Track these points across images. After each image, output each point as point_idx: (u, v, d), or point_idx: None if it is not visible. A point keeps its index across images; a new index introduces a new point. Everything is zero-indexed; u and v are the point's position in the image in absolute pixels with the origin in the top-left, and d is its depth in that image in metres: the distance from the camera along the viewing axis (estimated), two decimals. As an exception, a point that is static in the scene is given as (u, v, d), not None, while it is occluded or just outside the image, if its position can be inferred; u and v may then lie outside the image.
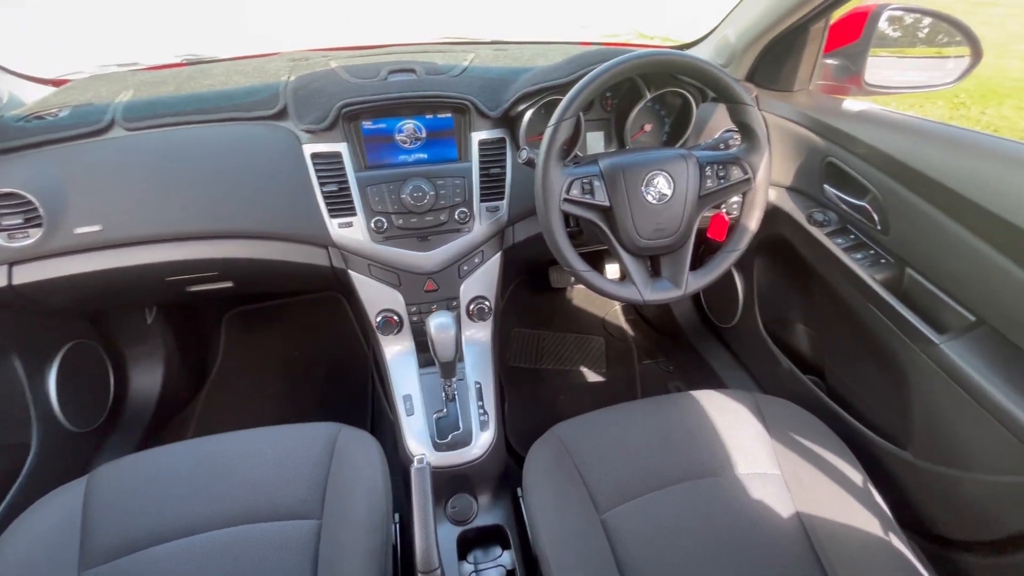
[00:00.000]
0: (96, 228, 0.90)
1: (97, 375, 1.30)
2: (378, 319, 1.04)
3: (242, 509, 0.73)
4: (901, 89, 1.05)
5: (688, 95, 1.03)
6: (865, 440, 0.96)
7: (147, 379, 1.41)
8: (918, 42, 1.02)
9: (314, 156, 0.94)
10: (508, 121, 1.01)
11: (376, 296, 1.03)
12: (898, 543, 0.72)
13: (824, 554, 0.69)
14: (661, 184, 0.82)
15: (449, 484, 0.99)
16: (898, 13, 1.00)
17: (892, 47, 1.02)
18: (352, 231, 0.96)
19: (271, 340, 1.71)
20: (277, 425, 0.85)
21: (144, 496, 0.75)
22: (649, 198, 0.82)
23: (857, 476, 0.80)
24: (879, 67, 1.02)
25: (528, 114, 0.99)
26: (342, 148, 0.95)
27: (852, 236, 0.97)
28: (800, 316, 1.22)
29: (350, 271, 1.02)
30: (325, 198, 0.94)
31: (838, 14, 0.97)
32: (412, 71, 1.02)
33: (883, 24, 0.99)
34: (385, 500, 0.78)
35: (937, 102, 4.27)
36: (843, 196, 0.96)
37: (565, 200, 0.80)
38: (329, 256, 1.01)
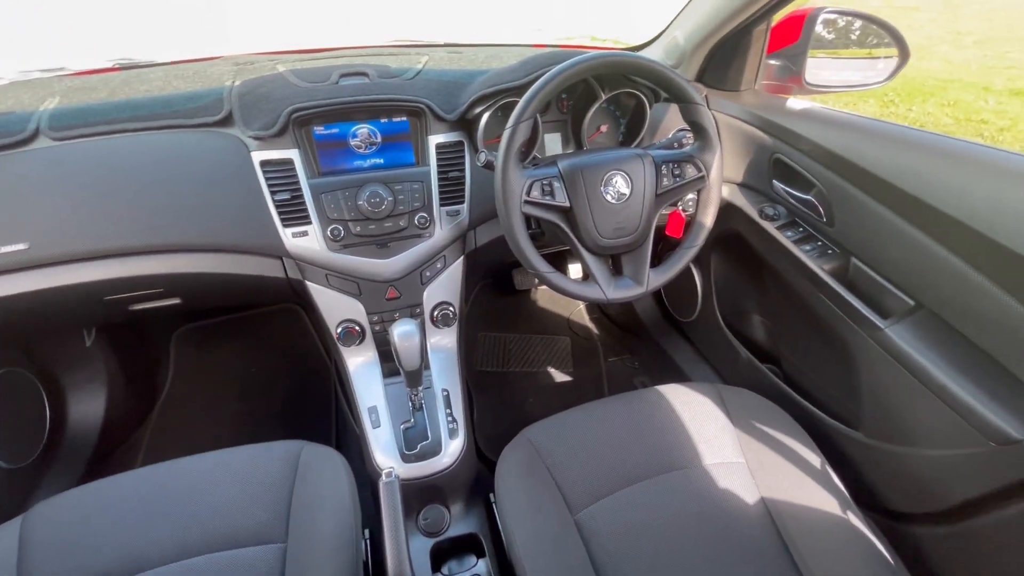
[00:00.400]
0: (22, 247, 0.83)
1: (30, 406, 1.20)
2: (339, 330, 1.00)
3: (199, 538, 0.69)
4: (838, 88, 1.11)
5: (642, 96, 1.06)
6: (821, 423, 1.01)
7: (88, 407, 1.32)
8: (851, 44, 1.08)
9: (264, 164, 0.90)
10: (465, 124, 1.00)
11: (335, 306, 1.00)
12: (855, 520, 0.75)
13: (788, 536, 0.71)
14: (619, 183, 0.83)
15: (420, 495, 0.97)
16: (832, 16, 1.05)
17: (828, 48, 1.08)
18: (307, 240, 0.92)
19: (226, 357, 1.63)
20: (235, 446, 0.81)
21: (87, 532, 0.69)
22: (608, 198, 0.83)
23: (815, 459, 0.83)
24: (818, 67, 1.07)
25: (485, 116, 0.98)
26: (293, 155, 0.91)
27: (801, 229, 1.01)
28: (756, 307, 1.27)
29: (307, 282, 0.98)
30: (277, 207, 0.91)
31: (779, 17, 1.01)
32: (364, 74, 0.99)
33: (819, 27, 1.04)
34: (353, 517, 0.76)
35: (869, 100, 4.56)
36: (791, 191, 1.00)
37: (526, 202, 0.80)
38: (284, 267, 0.97)
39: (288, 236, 0.92)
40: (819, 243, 0.97)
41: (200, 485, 0.75)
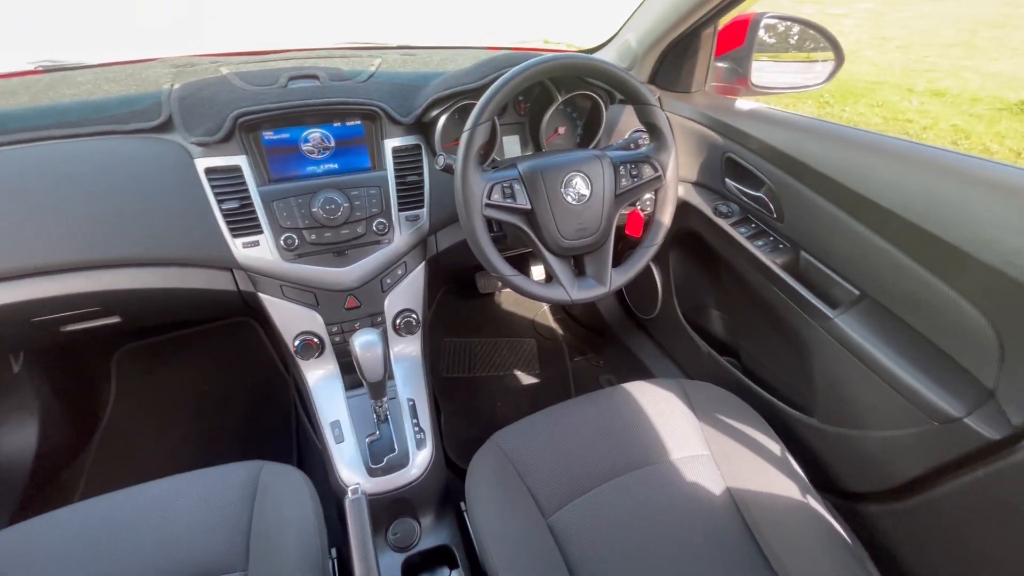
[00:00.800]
0: None
1: None
2: (296, 343, 0.96)
3: (151, 574, 0.64)
4: (781, 89, 1.16)
5: (597, 98, 1.07)
6: (779, 412, 1.04)
7: (17, 438, 1.21)
8: (790, 47, 1.13)
9: (209, 171, 0.85)
10: (422, 127, 0.99)
11: (292, 318, 0.96)
12: (813, 503, 0.78)
13: (753, 523, 0.73)
14: (579, 185, 0.83)
15: (388, 510, 0.94)
16: (772, 21, 1.10)
17: (770, 52, 1.13)
18: (259, 250, 0.88)
19: (174, 377, 1.53)
20: (188, 472, 0.76)
21: None
22: (569, 199, 0.83)
23: (775, 447, 0.86)
24: (762, 70, 1.11)
25: (442, 119, 0.97)
26: (241, 161, 0.87)
27: (753, 225, 1.04)
28: (714, 302, 1.31)
29: (260, 294, 0.94)
30: (225, 216, 0.86)
31: (725, 21, 1.05)
32: (315, 77, 0.96)
33: (761, 31, 1.09)
34: (318, 537, 0.72)
35: (807, 101, 4.82)
36: (742, 188, 1.04)
37: (487, 205, 0.79)
38: (235, 279, 0.92)
39: (238, 246, 0.87)
40: (771, 238, 1.01)
41: (148, 516, 0.70)
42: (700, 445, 0.84)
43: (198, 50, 1.15)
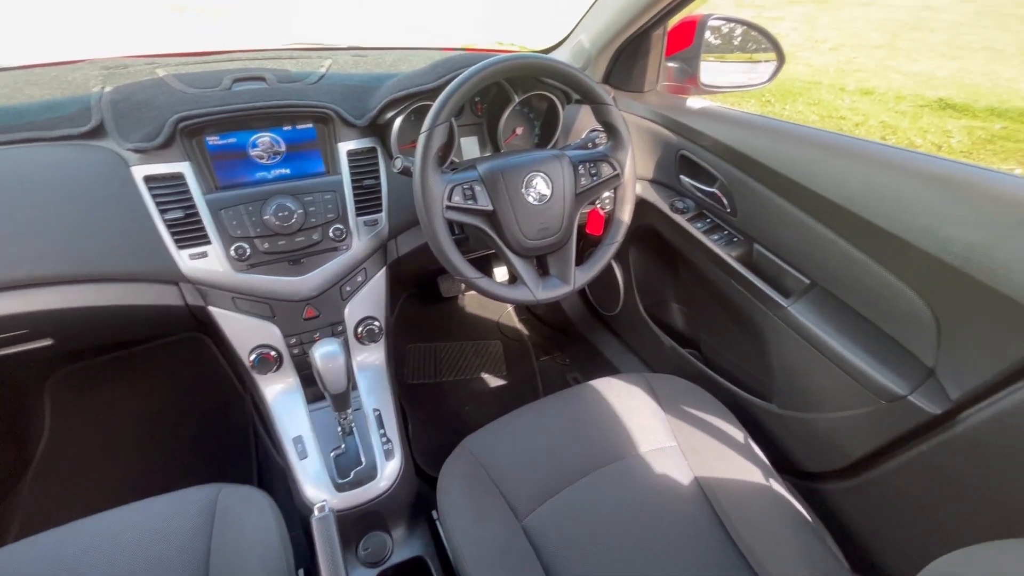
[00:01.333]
0: None
1: None
2: (252, 357, 0.92)
3: None
4: (728, 88, 1.20)
5: (553, 98, 1.07)
6: (740, 399, 1.08)
7: None
8: (735, 48, 1.17)
9: (148, 179, 0.80)
10: (377, 129, 0.96)
11: (247, 332, 0.91)
12: (776, 486, 0.81)
13: (721, 510, 0.75)
14: (540, 185, 0.83)
15: (358, 525, 0.91)
16: (717, 23, 1.14)
17: (716, 52, 1.16)
18: (207, 262, 0.83)
19: (118, 399, 1.43)
20: (137, 501, 0.71)
21: None
22: (530, 199, 0.83)
23: (738, 434, 0.89)
24: (710, 70, 1.15)
25: (398, 121, 0.94)
26: (184, 168, 0.82)
27: (708, 220, 1.08)
28: (674, 296, 1.34)
29: (210, 307, 0.89)
30: (169, 227, 0.81)
31: (674, 22, 1.07)
32: (261, 79, 0.92)
33: (707, 32, 1.12)
34: (284, 560, 0.69)
35: (750, 100, 5.04)
36: (697, 184, 1.07)
37: (448, 207, 0.78)
38: (182, 293, 0.87)
39: (184, 258, 0.82)
40: (725, 232, 1.04)
41: (93, 553, 0.65)
42: (667, 437, 0.86)
43: (130, 52, 1.08)
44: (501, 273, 1.59)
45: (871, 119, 4.67)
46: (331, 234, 0.90)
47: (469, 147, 1.09)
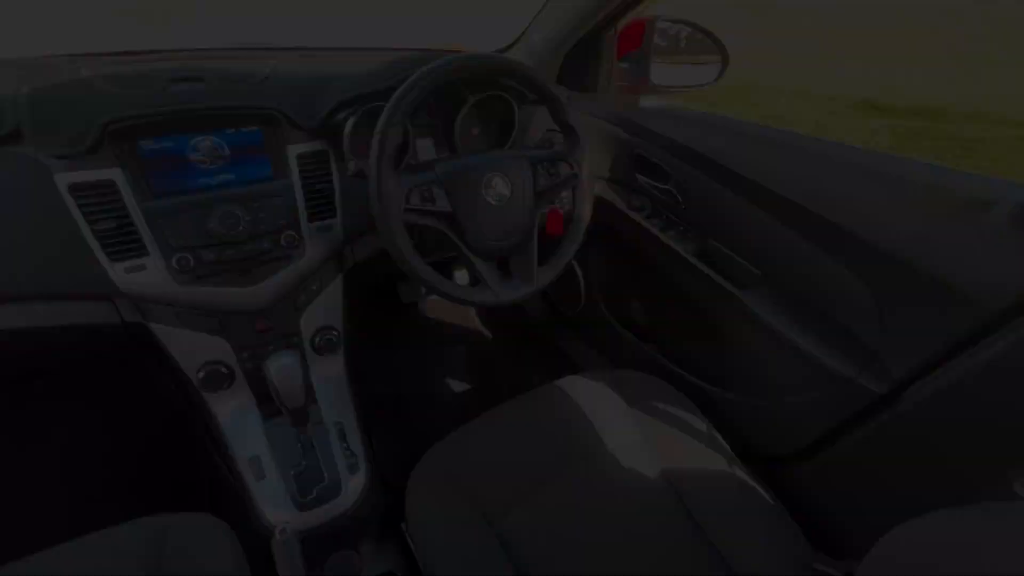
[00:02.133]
0: None
1: None
2: (200, 374, 0.86)
3: None
4: (677, 89, 1.23)
5: (509, 98, 1.07)
6: (703, 390, 1.11)
7: None
8: (682, 49, 1.21)
9: (74, 188, 0.73)
10: (328, 131, 0.92)
11: (193, 347, 0.86)
12: (740, 473, 0.83)
13: (690, 502, 0.77)
14: (499, 185, 0.83)
15: (323, 545, 0.87)
16: (664, 25, 1.16)
17: (665, 53, 1.19)
18: (146, 275, 0.78)
19: (45, 428, 1.31)
20: (73, 540, 0.65)
21: None
22: (490, 200, 0.82)
23: (702, 424, 0.91)
24: (660, 70, 1.18)
25: (350, 123, 0.91)
26: (115, 175, 0.76)
27: (664, 216, 1.10)
28: (634, 292, 1.36)
29: (150, 324, 0.83)
30: (100, 238, 0.75)
31: (624, 23, 1.09)
32: (200, 79, 0.86)
33: (655, 34, 1.15)
34: None
35: (697, 102, 5.25)
36: (652, 182, 1.09)
37: (406, 210, 0.76)
38: (118, 310, 0.81)
39: (119, 272, 0.76)
40: (680, 228, 1.07)
41: None
42: (633, 432, 0.86)
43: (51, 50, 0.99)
44: (461, 277, 1.57)
45: (804, 118, 4.96)
46: (282, 241, 0.85)
47: (425, 148, 1.07)
